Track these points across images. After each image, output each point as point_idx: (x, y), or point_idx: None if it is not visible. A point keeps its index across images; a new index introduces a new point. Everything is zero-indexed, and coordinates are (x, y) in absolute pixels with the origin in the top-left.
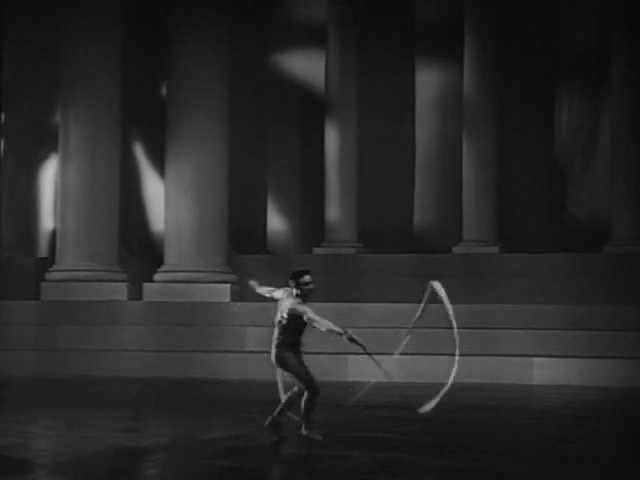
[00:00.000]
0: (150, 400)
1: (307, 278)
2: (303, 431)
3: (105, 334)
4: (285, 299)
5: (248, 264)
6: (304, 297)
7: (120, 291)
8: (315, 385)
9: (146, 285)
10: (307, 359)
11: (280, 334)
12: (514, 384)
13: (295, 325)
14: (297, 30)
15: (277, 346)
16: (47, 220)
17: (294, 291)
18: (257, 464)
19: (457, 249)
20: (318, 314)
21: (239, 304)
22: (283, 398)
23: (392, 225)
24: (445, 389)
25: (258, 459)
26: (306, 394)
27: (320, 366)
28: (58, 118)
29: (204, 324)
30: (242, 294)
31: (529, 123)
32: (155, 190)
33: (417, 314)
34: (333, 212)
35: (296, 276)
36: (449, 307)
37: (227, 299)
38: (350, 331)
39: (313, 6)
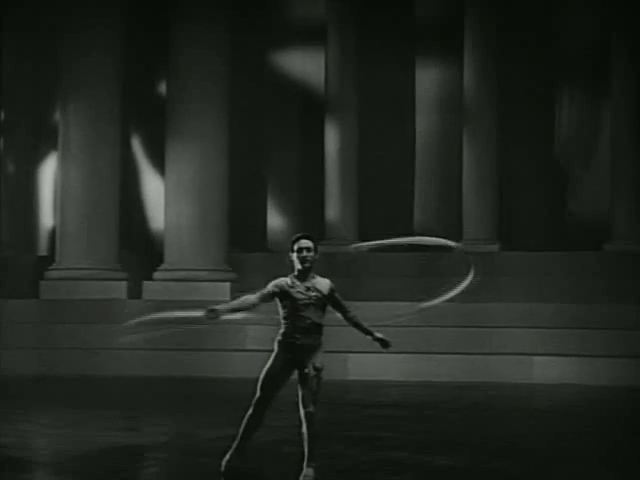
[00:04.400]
0: (150, 398)
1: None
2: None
3: (105, 333)
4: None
5: (248, 262)
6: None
7: (120, 290)
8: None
9: (146, 283)
10: None
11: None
12: (514, 382)
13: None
14: (297, 28)
15: None
16: (47, 218)
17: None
18: (256, 463)
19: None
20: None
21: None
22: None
23: (392, 223)
24: None
25: (257, 458)
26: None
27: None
28: (58, 116)
29: (204, 323)
30: (242, 292)
31: (529, 121)
32: (155, 188)
33: None
34: (333, 210)
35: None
36: None
37: (227, 297)
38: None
39: (312, 4)
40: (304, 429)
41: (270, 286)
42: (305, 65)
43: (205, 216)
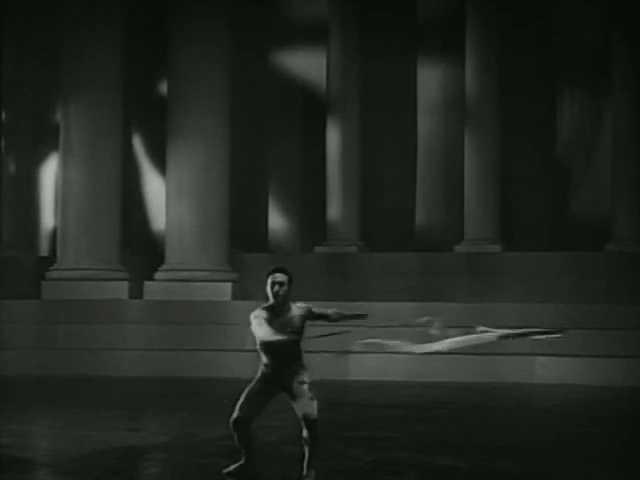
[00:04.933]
0: (150, 399)
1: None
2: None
3: (106, 333)
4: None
5: (249, 263)
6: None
7: (121, 290)
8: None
9: (147, 284)
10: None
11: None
12: (516, 383)
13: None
14: (298, 28)
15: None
16: (48, 219)
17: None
18: (257, 463)
19: (459, 247)
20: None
21: None
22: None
23: (394, 223)
24: None
25: (258, 458)
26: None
27: (320, 365)
28: (59, 116)
29: (205, 323)
30: (243, 292)
31: (531, 121)
32: (156, 189)
33: None
34: (335, 210)
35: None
36: None
37: (228, 298)
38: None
39: (315, 4)
40: (305, 434)
41: (254, 318)
42: (307, 64)
43: (206, 216)
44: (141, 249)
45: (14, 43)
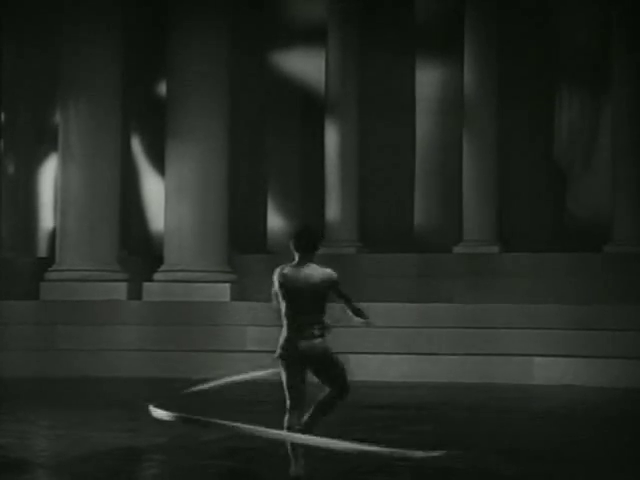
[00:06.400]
0: (149, 400)
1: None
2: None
3: (105, 334)
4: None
5: (248, 263)
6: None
7: (120, 291)
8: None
9: (146, 285)
10: None
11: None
12: (514, 384)
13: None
14: (297, 29)
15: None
16: (47, 220)
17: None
18: (257, 464)
19: (457, 249)
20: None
21: None
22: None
23: (392, 224)
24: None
25: (258, 459)
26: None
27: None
28: (58, 117)
29: (204, 324)
30: (242, 293)
31: (530, 122)
32: (155, 189)
33: None
34: (333, 211)
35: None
36: None
37: (227, 299)
38: None
39: (313, 5)
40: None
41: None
42: (305, 65)
43: (205, 217)
44: (140, 250)
45: (14, 43)
